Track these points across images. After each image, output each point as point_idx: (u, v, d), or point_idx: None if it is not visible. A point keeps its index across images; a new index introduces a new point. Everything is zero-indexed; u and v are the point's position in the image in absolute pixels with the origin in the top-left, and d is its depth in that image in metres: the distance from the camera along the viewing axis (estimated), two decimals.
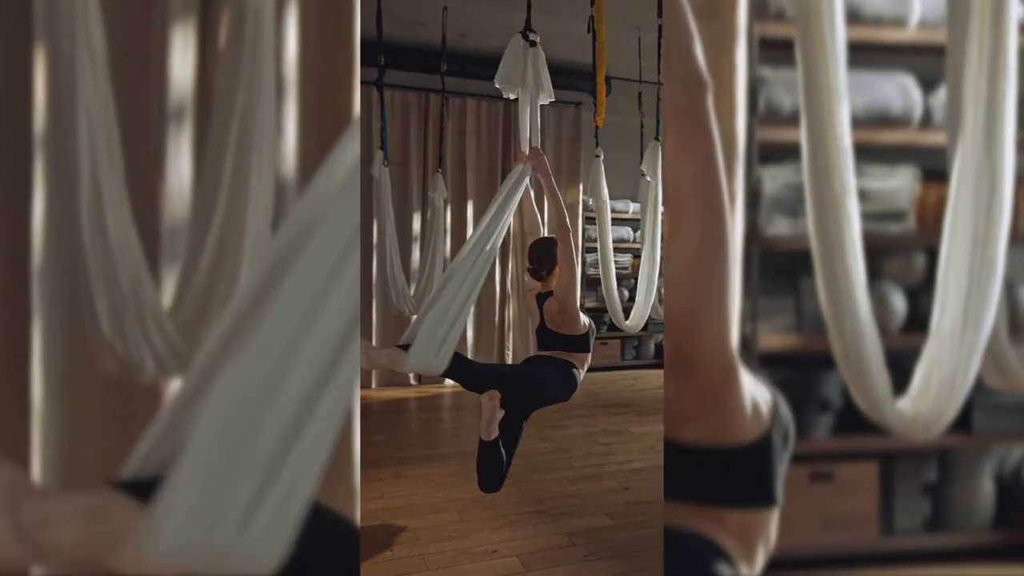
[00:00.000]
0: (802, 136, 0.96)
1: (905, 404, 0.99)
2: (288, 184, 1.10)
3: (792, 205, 1.55)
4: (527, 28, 2.12)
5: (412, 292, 4.13)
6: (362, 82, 5.12)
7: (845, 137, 0.93)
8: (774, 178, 1.54)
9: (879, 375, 0.96)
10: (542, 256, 2.21)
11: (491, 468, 2.00)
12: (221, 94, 0.96)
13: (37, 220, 1.00)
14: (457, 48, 4.86)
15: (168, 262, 1.07)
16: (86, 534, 0.50)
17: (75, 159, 0.91)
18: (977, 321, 0.95)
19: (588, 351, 2.13)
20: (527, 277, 2.24)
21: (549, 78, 2.10)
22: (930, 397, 0.97)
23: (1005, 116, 0.94)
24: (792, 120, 1.59)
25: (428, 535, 2.38)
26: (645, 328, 6.32)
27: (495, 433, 1.94)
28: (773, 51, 1.54)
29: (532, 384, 2.05)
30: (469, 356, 5.56)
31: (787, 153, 1.59)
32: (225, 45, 0.97)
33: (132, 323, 0.92)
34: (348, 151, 0.59)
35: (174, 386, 1.05)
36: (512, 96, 2.19)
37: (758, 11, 1.44)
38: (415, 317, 2.09)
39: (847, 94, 0.93)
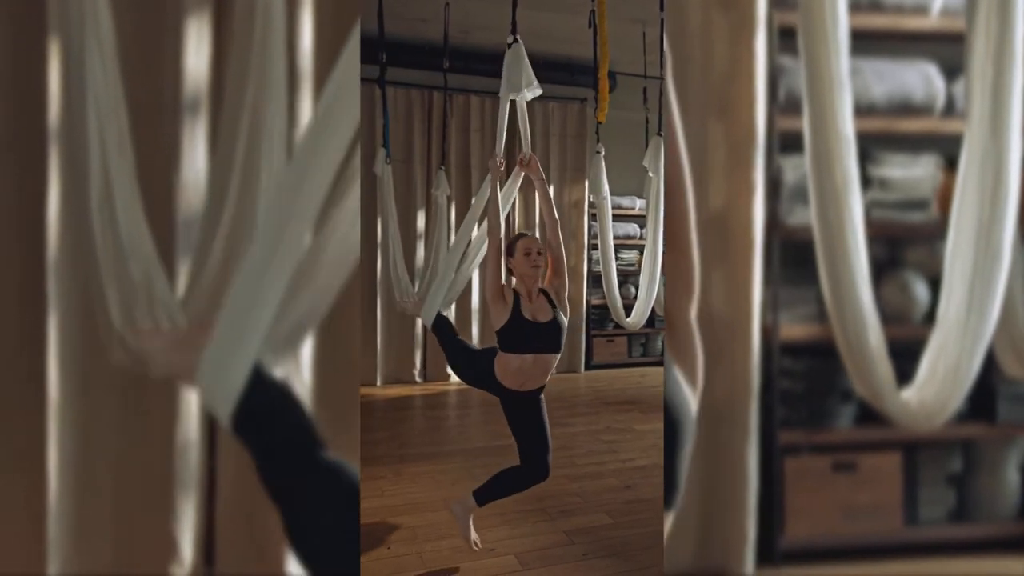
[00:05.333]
0: (804, 126, 0.96)
1: (910, 393, 0.99)
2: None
3: None
4: (513, 30, 2.18)
5: (416, 289, 4.13)
6: (364, 80, 5.10)
7: (847, 126, 0.93)
8: (795, 167, 1.52)
9: (881, 364, 0.96)
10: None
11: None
12: (232, 87, 0.97)
13: (52, 213, 1.01)
14: (460, 45, 4.86)
15: (184, 254, 1.08)
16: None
17: (86, 152, 0.91)
18: (982, 309, 0.94)
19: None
20: (525, 269, 2.08)
21: (523, 70, 2.13)
22: (935, 385, 0.97)
23: (1012, 102, 0.94)
24: None
25: (426, 533, 2.37)
26: (652, 325, 6.32)
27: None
28: (793, 40, 1.51)
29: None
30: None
31: None
32: (235, 38, 0.98)
33: (143, 315, 0.93)
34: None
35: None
36: (516, 97, 2.20)
37: (777, 0, 1.42)
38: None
39: (849, 83, 0.93)
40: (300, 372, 1.16)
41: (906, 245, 1.70)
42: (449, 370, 5.44)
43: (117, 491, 1.01)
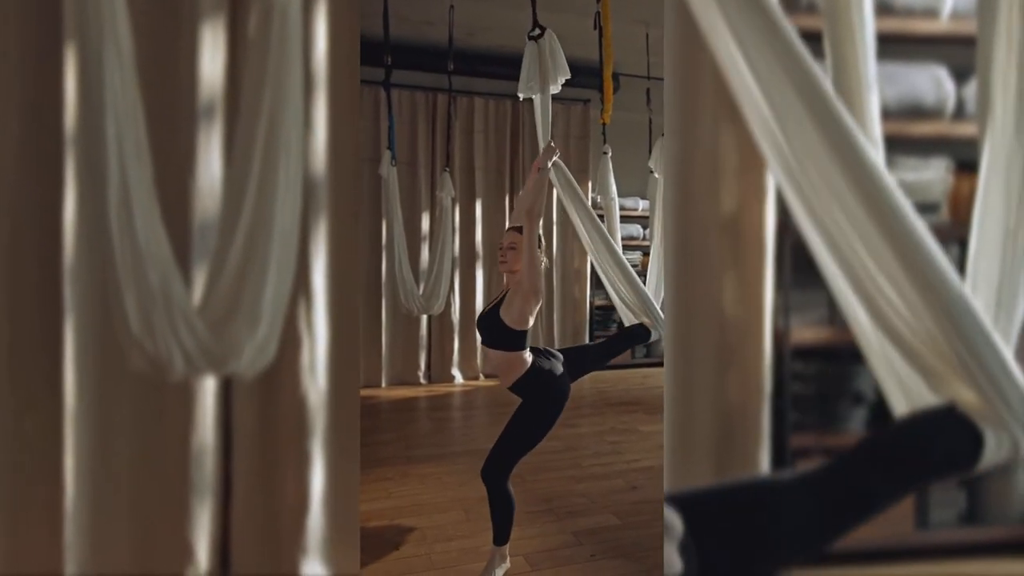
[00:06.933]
0: None
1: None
2: (319, 181, 1.10)
3: None
4: (533, 27, 2.18)
5: (420, 291, 4.13)
6: (369, 82, 5.08)
7: (875, 128, 0.93)
8: None
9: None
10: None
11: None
12: (248, 92, 0.97)
13: (68, 219, 1.01)
14: (464, 47, 4.86)
15: (200, 260, 1.08)
16: None
17: (103, 158, 0.92)
18: (1010, 312, 0.94)
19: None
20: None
21: (563, 57, 2.13)
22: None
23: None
24: None
25: (435, 534, 2.38)
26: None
27: None
28: (806, 43, 1.51)
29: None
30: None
31: None
32: (252, 43, 0.98)
33: (161, 321, 0.93)
34: None
35: (206, 384, 1.06)
36: (531, 96, 2.21)
37: (789, 5, 1.42)
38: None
39: (876, 85, 0.92)
40: (299, 371, 1.16)
41: None
42: (455, 371, 5.46)
43: (133, 496, 1.01)
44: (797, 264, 1.49)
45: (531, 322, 2.02)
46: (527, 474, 2.95)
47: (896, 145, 1.70)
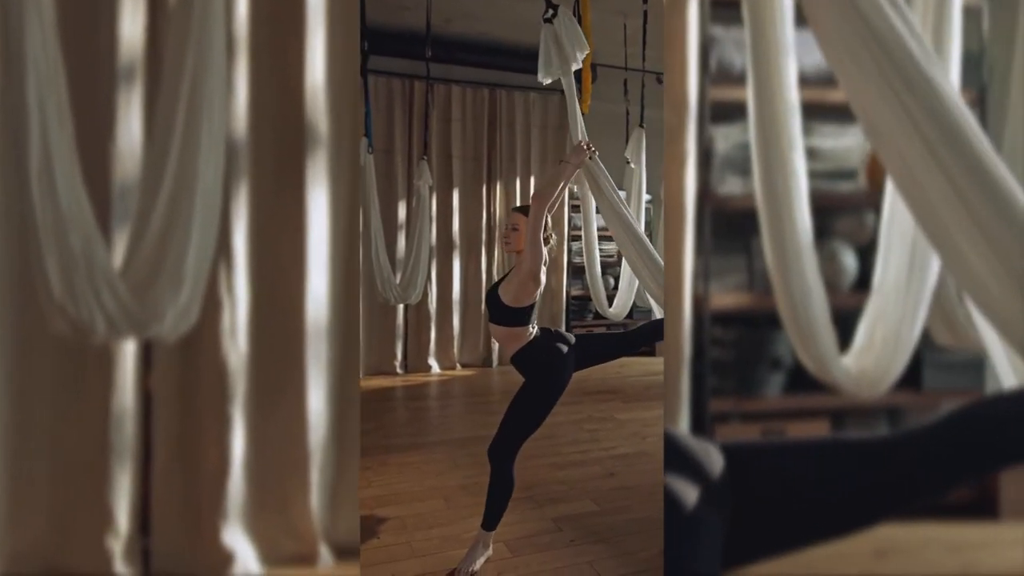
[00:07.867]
0: (749, 93, 0.97)
1: (849, 361, 1.00)
2: (240, 143, 1.09)
3: (744, 164, 1.56)
4: (546, 9, 2.11)
5: (398, 280, 4.12)
6: None
7: (792, 93, 0.94)
8: (726, 137, 1.55)
9: (825, 333, 0.96)
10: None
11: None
12: (171, 54, 0.96)
13: None
14: (442, 34, 4.83)
15: (120, 223, 1.07)
16: None
17: (25, 121, 0.91)
18: (923, 273, 0.95)
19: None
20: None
21: (580, 32, 2.05)
22: (875, 352, 0.98)
23: (950, 72, 0.95)
24: (744, 80, 1.55)
25: (415, 522, 2.39)
26: (631, 316, 6.34)
27: None
28: (724, 10, 1.53)
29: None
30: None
31: (739, 112, 1.57)
32: (175, 5, 0.97)
33: (83, 284, 0.92)
34: None
35: (126, 348, 1.05)
36: (551, 79, 2.15)
37: None
38: None
39: (794, 52, 0.93)
40: (220, 334, 1.15)
41: (835, 215, 1.72)
42: (432, 360, 5.45)
43: (53, 460, 1.00)
44: (716, 230, 1.51)
45: (529, 302, 2.02)
46: None
47: (814, 112, 1.70)
